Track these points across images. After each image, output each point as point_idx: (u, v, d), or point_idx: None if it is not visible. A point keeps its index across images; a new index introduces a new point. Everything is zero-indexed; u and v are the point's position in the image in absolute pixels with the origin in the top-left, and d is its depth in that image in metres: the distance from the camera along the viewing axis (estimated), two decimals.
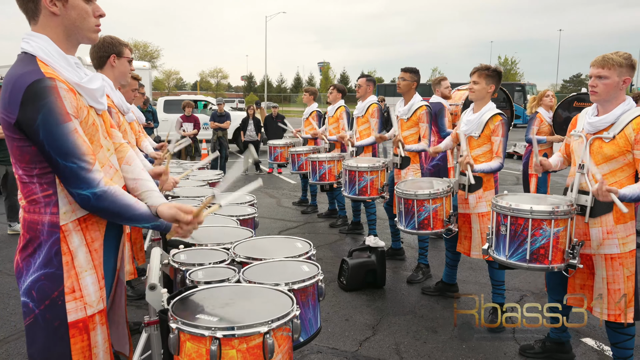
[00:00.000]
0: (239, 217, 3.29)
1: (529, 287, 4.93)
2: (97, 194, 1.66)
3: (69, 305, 1.72)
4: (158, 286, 1.85)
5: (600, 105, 3.03)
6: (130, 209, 1.74)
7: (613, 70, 2.89)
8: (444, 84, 6.59)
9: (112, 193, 1.70)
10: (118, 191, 1.72)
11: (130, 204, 1.74)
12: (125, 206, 1.73)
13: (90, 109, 1.78)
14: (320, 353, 3.65)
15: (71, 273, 1.73)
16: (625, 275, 2.97)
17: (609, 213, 2.97)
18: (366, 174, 5.05)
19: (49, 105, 1.58)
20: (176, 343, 1.63)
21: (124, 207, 1.72)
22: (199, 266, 2.25)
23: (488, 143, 4.01)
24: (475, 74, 4.05)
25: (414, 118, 5.08)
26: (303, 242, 2.56)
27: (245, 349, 1.57)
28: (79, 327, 1.74)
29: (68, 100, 1.63)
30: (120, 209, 1.72)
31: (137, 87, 4.30)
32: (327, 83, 45.90)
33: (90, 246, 1.78)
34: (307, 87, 8.56)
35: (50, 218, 1.70)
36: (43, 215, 1.70)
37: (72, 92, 1.67)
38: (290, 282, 1.99)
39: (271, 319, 1.61)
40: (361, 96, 6.22)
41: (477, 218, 4.08)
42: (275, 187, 10.64)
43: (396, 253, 5.79)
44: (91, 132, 1.77)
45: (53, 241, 1.70)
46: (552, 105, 7.06)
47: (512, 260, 2.97)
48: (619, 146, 2.89)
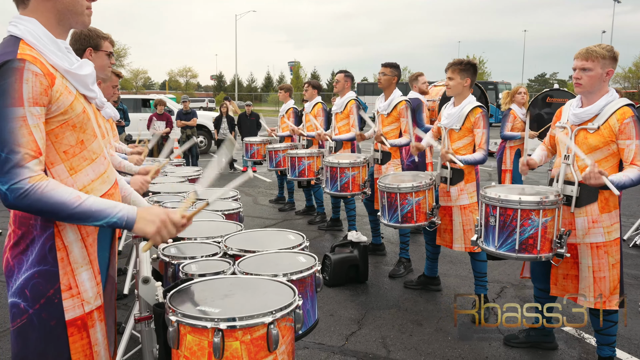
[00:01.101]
0: (224, 212, 3.21)
1: (509, 279, 5.00)
2: (16, 192, 1.46)
3: (66, 303, 1.62)
4: (152, 279, 1.78)
5: (584, 97, 3.07)
6: (66, 207, 1.51)
7: (597, 62, 2.93)
8: (421, 80, 6.62)
9: (36, 190, 1.48)
10: (48, 187, 1.50)
11: (64, 201, 1.51)
12: (57, 204, 1.50)
13: (80, 96, 1.69)
14: (307, 349, 3.60)
15: (67, 269, 1.63)
16: (611, 263, 3.02)
17: (594, 202, 3.01)
18: (348, 170, 5.02)
19: (5, 86, 1.46)
20: (176, 336, 1.56)
21: (55, 204, 1.50)
22: (192, 259, 2.18)
23: (469, 136, 4.03)
24: (449, 70, 4.08)
25: (394, 113, 5.08)
26: (295, 235, 2.51)
27: (249, 340, 1.51)
28: (77, 325, 1.65)
29: (30, 85, 1.49)
30: (50, 207, 1.50)
31: (117, 84, 4.15)
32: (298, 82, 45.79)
33: (86, 241, 1.69)
34: (283, 85, 8.48)
35: None
36: None
37: (49, 78, 1.55)
38: (288, 273, 1.93)
39: (275, 309, 1.56)
40: (339, 91, 6.19)
41: (458, 210, 4.10)
42: (250, 186, 10.53)
43: (377, 248, 5.79)
44: (82, 121, 1.67)
45: (47, 236, 1.60)
46: (525, 102, 7.18)
47: (502, 250, 2.99)
48: (604, 136, 2.94)
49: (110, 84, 3.96)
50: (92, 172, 1.71)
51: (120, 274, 4.92)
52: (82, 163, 1.67)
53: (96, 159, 1.73)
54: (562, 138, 3.14)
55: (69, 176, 1.63)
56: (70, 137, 1.63)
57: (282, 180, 8.62)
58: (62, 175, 1.62)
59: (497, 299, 4.49)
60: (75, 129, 1.64)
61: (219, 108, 12.87)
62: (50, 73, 1.56)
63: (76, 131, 1.65)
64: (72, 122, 1.63)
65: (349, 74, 6.24)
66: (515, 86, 7.14)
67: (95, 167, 1.72)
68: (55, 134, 1.60)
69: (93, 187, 1.70)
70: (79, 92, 1.69)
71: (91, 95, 1.76)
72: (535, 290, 3.48)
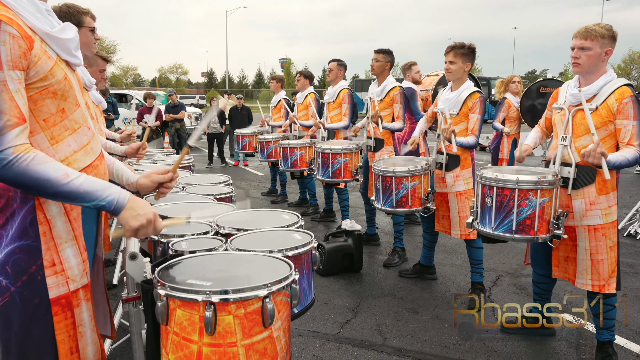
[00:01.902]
0: (216, 195, 3.13)
1: (504, 268, 4.95)
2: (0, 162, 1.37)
3: (49, 280, 1.53)
4: (139, 255, 1.69)
5: (582, 77, 3.02)
6: (51, 183, 1.41)
7: (596, 41, 2.88)
8: (414, 69, 6.56)
9: (21, 162, 1.38)
10: (35, 160, 1.41)
11: (50, 178, 1.41)
12: (42, 180, 1.40)
13: (61, 62, 1.60)
14: (301, 337, 3.53)
15: (50, 245, 1.54)
16: (608, 245, 2.97)
17: (591, 184, 2.96)
18: (339, 156, 4.95)
19: None
20: (165, 311, 1.47)
21: (40, 180, 1.40)
22: (181, 237, 2.09)
23: (465, 121, 3.97)
24: (451, 53, 4.00)
25: (387, 99, 5.01)
26: (290, 214, 2.43)
27: (242, 314, 1.44)
28: (61, 304, 1.55)
29: (8, 47, 1.39)
30: (35, 182, 1.40)
31: (104, 68, 4.03)
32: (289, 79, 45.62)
33: (70, 215, 1.59)
34: (274, 75, 8.40)
35: None
36: None
37: (27, 40, 1.45)
38: (284, 249, 1.86)
39: (270, 282, 1.48)
40: (332, 81, 6.11)
41: (454, 197, 4.04)
42: (242, 179, 10.43)
43: (371, 239, 5.73)
44: (63, 88, 1.57)
45: (28, 209, 1.51)
46: (519, 92, 7.15)
47: (498, 231, 2.93)
48: (602, 117, 2.89)
49: (97, 68, 3.84)
50: (75, 143, 1.62)
51: (110, 264, 4.83)
52: (64, 133, 1.58)
53: (79, 129, 1.64)
54: (558, 121, 3.09)
55: (49, 146, 1.54)
56: (50, 105, 1.54)
57: (274, 172, 8.53)
58: (42, 144, 1.53)
59: (493, 287, 4.45)
60: (55, 96, 1.55)
61: (210, 102, 12.74)
62: (28, 36, 1.46)
63: (57, 99, 1.55)
64: (53, 89, 1.54)
65: (342, 63, 6.15)
66: (509, 75, 7.10)
67: (78, 137, 1.63)
68: (34, 100, 1.50)
69: (76, 159, 1.61)
70: (60, 57, 1.60)
71: (74, 61, 1.66)
72: (535, 275, 3.42)
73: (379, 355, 3.28)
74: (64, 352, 1.55)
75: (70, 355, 1.56)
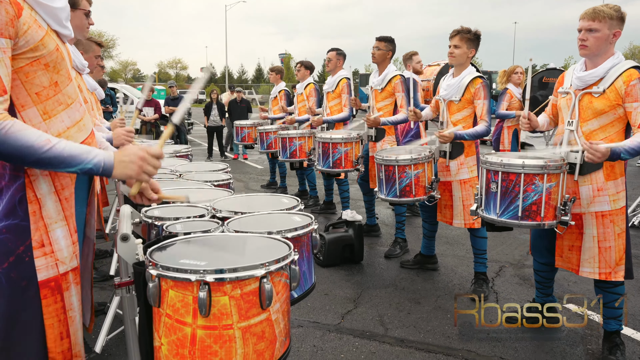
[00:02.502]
0: (214, 182, 3.05)
1: (507, 259, 4.88)
2: None
3: (38, 261, 1.45)
4: (131, 236, 1.61)
5: (589, 60, 2.93)
6: (34, 150, 1.34)
7: (604, 22, 2.79)
8: (415, 59, 6.48)
9: (4, 130, 1.32)
10: (13, 128, 1.33)
11: (32, 144, 1.34)
12: (23, 147, 1.33)
13: (52, 32, 1.52)
14: (301, 327, 3.46)
15: (39, 225, 1.46)
16: (616, 232, 2.90)
17: (599, 170, 2.89)
18: (340, 146, 4.87)
19: None
20: (157, 293, 1.40)
21: (22, 147, 1.33)
22: (176, 220, 2.01)
23: (469, 107, 3.89)
24: (456, 37, 3.91)
25: (388, 88, 4.92)
26: (289, 198, 2.35)
27: (239, 295, 1.36)
28: (50, 287, 1.48)
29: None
30: (16, 150, 1.33)
31: (99, 54, 3.95)
32: (289, 74, 45.46)
33: (60, 194, 1.52)
34: (273, 67, 8.29)
35: None
36: None
37: (14, 6, 1.37)
38: (282, 230, 1.78)
39: (268, 261, 1.40)
40: (331, 70, 6.02)
41: (458, 185, 3.96)
42: (242, 172, 10.35)
43: (372, 229, 5.65)
44: (55, 60, 1.49)
45: (17, 187, 1.43)
46: (521, 82, 7.06)
47: (504, 218, 2.85)
48: (610, 100, 2.80)
49: (92, 54, 3.76)
50: (68, 119, 1.54)
51: (107, 255, 4.76)
52: (57, 107, 1.51)
53: (72, 104, 1.56)
54: (563, 105, 3.01)
55: (42, 121, 1.47)
56: (42, 77, 1.46)
57: (273, 164, 8.45)
58: (35, 119, 1.46)
59: (496, 278, 4.37)
60: (47, 68, 1.47)
61: (209, 94, 12.64)
62: (15, 2, 1.39)
63: (49, 71, 1.48)
64: (45, 61, 1.46)
65: (341, 52, 6.05)
66: (512, 66, 7.00)
67: (71, 113, 1.56)
68: (25, 72, 1.43)
69: (69, 135, 1.54)
70: (51, 27, 1.52)
71: (64, 32, 1.59)
72: (536, 264, 3.35)
73: (381, 346, 3.21)
74: (53, 337, 1.47)
75: (60, 341, 1.49)
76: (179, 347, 1.38)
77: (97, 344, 3.06)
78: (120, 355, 3.10)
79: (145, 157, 1.49)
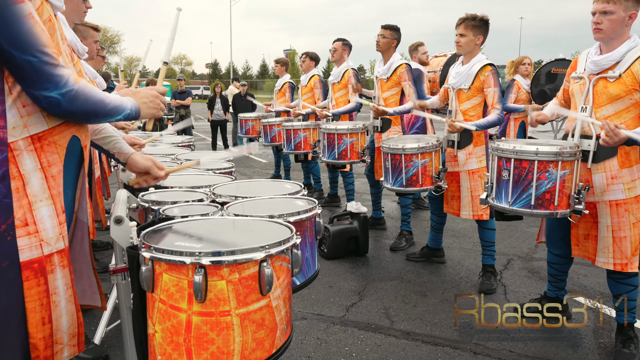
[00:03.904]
0: (216, 170, 2.97)
1: (515, 252, 4.78)
2: (69, 94, 1.37)
3: (20, 241, 1.37)
4: (125, 219, 1.53)
5: (604, 44, 2.82)
6: (105, 104, 1.48)
7: (619, 4, 2.68)
8: (421, 50, 6.35)
9: (83, 90, 1.41)
10: (87, 86, 1.44)
11: (102, 99, 1.47)
12: (99, 102, 1.46)
13: (46, 2, 1.44)
14: (305, 319, 3.38)
15: (23, 202, 1.38)
16: (631, 221, 2.79)
17: (613, 157, 2.78)
18: (345, 137, 4.78)
19: None
20: (150, 277, 1.31)
21: (98, 103, 1.46)
22: (174, 204, 1.93)
23: (478, 95, 3.79)
24: (462, 25, 3.80)
25: (394, 77, 4.81)
26: (292, 184, 2.26)
27: (237, 279, 1.27)
28: (33, 269, 1.39)
29: None
30: (94, 107, 1.45)
31: (97, 39, 3.87)
32: (293, 69, 45.34)
33: (47, 171, 1.43)
34: (278, 59, 8.17)
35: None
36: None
37: None
38: (284, 214, 1.69)
39: (268, 244, 1.31)
40: (336, 61, 5.91)
41: (466, 176, 3.86)
42: (246, 166, 10.28)
43: (377, 222, 5.55)
44: (48, 30, 1.42)
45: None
46: (529, 74, 6.92)
47: (516, 206, 2.75)
48: (626, 85, 2.69)
49: (91, 39, 3.69)
50: None
51: (109, 247, 4.70)
52: None
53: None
54: (577, 91, 2.90)
55: None
56: None
57: (278, 157, 8.35)
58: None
59: (504, 271, 4.27)
60: None
61: (213, 88, 12.56)
62: None
63: None
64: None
65: (346, 42, 5.95)
66: (520, 57, 6.87)
67: None
68: None
69: None
70: None
71: (57, 4, 1.51)
72: (550, 256, 3.25)
73: (386, 339, 3.13)
74: (35, 321, 1.39)
75: (42, 326, 1.40)
76: (174, 334, 1.29)
77: (96, 335, 3.00)
78: (120, 347, 3.02)
79: (157, 94, 1.67)
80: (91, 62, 4.51)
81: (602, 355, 2.95)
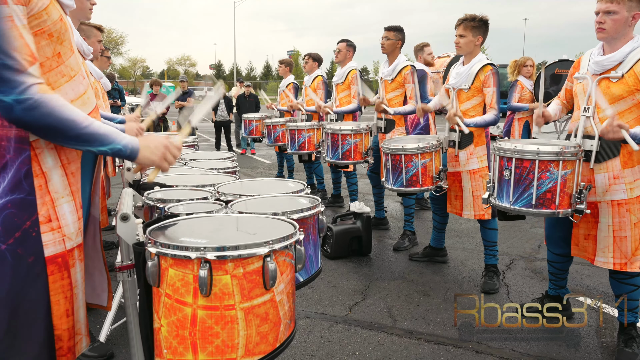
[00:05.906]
0: (219, 170, 3.00)
1: (518, 252, 4.79)
2: (26, 102, 1.28)
3: (45, 237, 1.41)
4: (131, 216, 1.56)
5: (607, 44, 2.84)
6: (76, 125, 1.35)
7: (622, 4, 2.69)
8: (426, 51, 6.38)
9: (47, 102, 1.31)
10: (59, 102, 1.34)
11: (75, 119, 1.35)
12: (68, 120, 1.34)
13: (55, 2, 1.47)
14: (308, 318, 3.40)
15: (46, 199, 1.41)
16: (633, 222, 2.80)
17: (615, 157, 2.79)
18: (349, 137, 4.80)
19: None
20: (156, 272, 1.34)
21: (66, 121, 1.33)
22: (179, 202, 1.96)
23: (478, 95, 3.81)
24: (461, 26, 3.82)
25: (398, 79, 4.83)
26: (296, 182, 2.29)
27: (241, 274, 1.30)
28: (58, 263, 1.43)
29: None
30: (59, 124, 1.33)
31: (101, 39, 3.92)
32: (297, 71, 45.45)
33: (67, 168, 1.47)
34: (282, 59, 8.21)
35: (18, 132, 1.37)
36: (7, 128, 1.37)
37: None
38: (288, 211, 1.71)
39: (272, 240, 1.34)
40: (340, 61, 5.94)
41: (468, 176, 3.88)
42: (249, 167, 10.31)
43: (380, 222, 5.58)
44: (59, 30, 1.45)
45: (22, 160, 1.38)
46: (532, 75, 6.94)
47: (517, 206, 2.77)
48: (628, 85, 2.71)
49: (94, 39, 3.74)
50: (72, 92, 1.50)
51: (114, 247, 4.73)
52: (60, 79, 1.46)
53: (75, 77, 1.52)
54: (580, 91, 2.91)
55: None
56: (46, 48, 1.42)
57: (281, 158, 8.39)
58: None
59: (507, 271, 4.29)
60: (52, 38, 1.43)
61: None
62: None
63: (53, 41, 1.44)
64: (49, 30, 1.42)
65: (351, 43, 5.98)
66: (522, 58, 6.88)
67: (75, 85, 1.51)
68: None
69: None
70: None
71: (67, 2, 1.54)
72: (550, 255, 3.26)
73: (389, 337, 3.15)
74: (59, 314, 1.44)
75: (66, 318, 1.46)
76: (179, 328, 1.32)
77: (101, 333, 3.03)
78: (125, 345, 3.06)
79: (169, 146, 1.56)
80: (96, 63, 4.56)
81: (605, 354, 2.96)
